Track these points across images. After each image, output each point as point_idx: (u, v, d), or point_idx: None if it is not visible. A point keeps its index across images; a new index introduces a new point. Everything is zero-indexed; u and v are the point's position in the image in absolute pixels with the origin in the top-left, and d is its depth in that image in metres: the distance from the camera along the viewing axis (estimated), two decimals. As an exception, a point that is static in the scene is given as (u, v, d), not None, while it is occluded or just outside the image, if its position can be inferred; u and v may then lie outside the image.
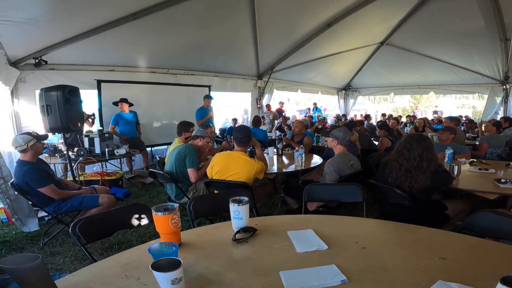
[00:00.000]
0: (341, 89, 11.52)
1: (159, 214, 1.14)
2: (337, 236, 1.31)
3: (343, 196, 1.96)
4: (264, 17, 5.34)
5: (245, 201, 1.34)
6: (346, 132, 2.66)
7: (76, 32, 4.21)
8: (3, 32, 3.50)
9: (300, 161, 3.22)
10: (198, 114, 6.01)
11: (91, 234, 1.41)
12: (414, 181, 1.97)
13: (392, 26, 7.24)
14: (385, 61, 8.90)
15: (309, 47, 7.04)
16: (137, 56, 5.54)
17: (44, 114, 3.21)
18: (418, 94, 14.40)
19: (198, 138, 3.16)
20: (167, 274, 0.84)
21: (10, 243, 2.80)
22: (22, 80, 4.53)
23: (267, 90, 8.59)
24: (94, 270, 1.04)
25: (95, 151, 4.31)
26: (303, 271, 1.03)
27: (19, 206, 3.02)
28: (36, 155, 2.66)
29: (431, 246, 1.21)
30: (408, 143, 2.02)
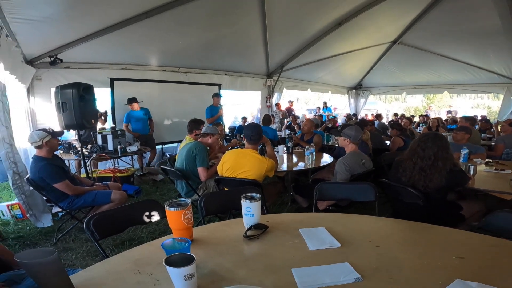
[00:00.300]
0: (352, 89, 11.39)
1: (172, 210, 1.15)
2: (350, 234, 1.30)
3: (355, 195, 1.94)
4: (274, 16, 5.32)
5: (257, 198, 1.34)
6: (358, 130, 2.62)
7: (90, 31, 4.28)
8: (19, 30, 3.58)
9: (311, 160, 3.20)
10: (208, 112, 6.05)
11: (105, 229, 1.42)
12: (429, 180, 1.93)
13: (405, 25, 7.09)
14: (398, 60, 8.74)
15: (320, 46, 6.97)
16: (149, 55, 5.61)
17: (60, 111, 3.27)
18: (431, 93, 14.12)
19: (208, 135, 3.18)
20: (181, 269, 0.84)
21: (24, 239, 2.84)
22: (38, 78, 4.64)
23: (276, 89, 8.57)
24: (107, 266, 1.05)
25: (108, 148, 4.40)
26: (316, 268, 1.03)
27: (33, 202, 3.08)
28: (52, 151, 2.73)
29: (448, 245, 1.19)
30: (423, 142, 1.98)
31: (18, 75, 3.61)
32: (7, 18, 3.20)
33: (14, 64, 3.39)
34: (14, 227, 3.09)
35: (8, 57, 3.05)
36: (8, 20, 3.26)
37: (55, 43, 4.39)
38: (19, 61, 3.83)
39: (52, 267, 0.84)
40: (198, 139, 3.21)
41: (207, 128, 3.26)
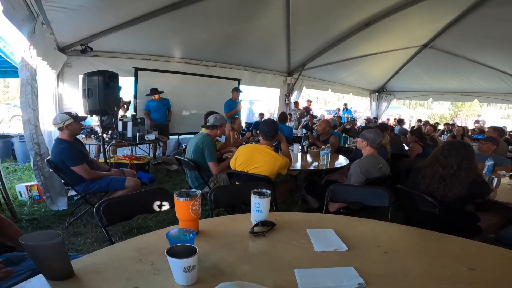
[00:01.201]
0: (375, 91, 11.06)
1: (180, 200, 1.14)
2: (358, 238, 1.26)
3: (368, 199, 1.88)
4: (299, 14, 5.23)
5: (267, 194, 1.32)
6: (378, 134, 2.54)
7: (120, 21, 4.39)
8: (54, 18, 3.69)
9: (326, 160, 3.14)
10: (227, 106, 6.09)
11: (113, 216, 1.43)
12: (448, 189, 1.84)
13: (438, 29, 6.73)
14: (426, 65, 8.36)
15: (344, 46, 6.79)
16: (173, 47, 5.69)
17: (85, 97, 3.39)
18: (460, 101, 13.51)
19: (217, 128, 3.12)
20: (181, 260, 0.84)
21: (38, 221, 2.91)
22: (68, 65, 4.82)
23: (296, 87, 8.47)
24: (111, 252, 1.06)
25: (127, 135, 4.53)
26: (319, 270, 1.00)
27: (51, 184, 3.18)
28: (73, 135, 2.82)
29: (459, 256, 1.14)
30: (446, 149, 1.90)
31: (50, 62, 3.74)
32: (44, 6, 3.31)
33: (47, 51, 3.51)
34: (30, 208, 3.19)
35: (41, 44, 3.15)
36: (44, 8, 3.36)
37: (86, 32, 4.53)
38: (51, 48, 3.96)
39: (54, 250, 0.84)
40: (206, 131, 3.14)
41: (215, 120, 3.13)
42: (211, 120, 3.12)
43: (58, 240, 0.84)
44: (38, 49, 2.96)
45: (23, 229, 2.69)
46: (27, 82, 2.83)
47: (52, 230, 0.95)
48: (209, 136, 3.06)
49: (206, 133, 3.11)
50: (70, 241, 2.54)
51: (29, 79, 2.84)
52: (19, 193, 3.44)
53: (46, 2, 3.27)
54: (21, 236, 0.84)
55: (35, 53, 2.89)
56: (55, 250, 0.84)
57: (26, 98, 2.86)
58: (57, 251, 0.85)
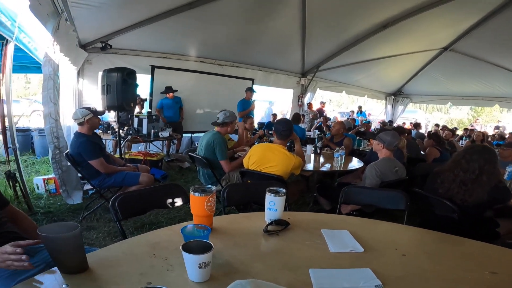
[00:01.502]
0: (390, 94, 10.82)
1: (196, 195, 1.14)
2: (374, 240, 1.23)
3: (383, 201, 1.83)
4: (315, 14, 5.17)
5: (282, 193, 1.31)
6: (395, 136, 2.48)
7: (138, 19, 4.46)
8: (78, 15, 3.79)
9: (339, 162, 3.10)
10: (240, 106, 6.11)
11: (128, 210, 1.43)
12: (469, 194, 1.79)
13: (460, 32, 6.51)
14: (446, 68, 8.09)
15: (360, 48, 6.68)
16: (188, 45, 5.75)
17: (104, 92, 3.48)
18: (480, 106, 13.06)
19: (227, 125, 3.09)
20: (196, 256, 0.83)
21: (53, 214, 2.95)
22: (89, 62, 4.94)
23: (310, 89, 8.40)
24: (125, 247, 1.05)
25: (142, 131, 4.61)
26: (335, 271, 0.98)
27: (68, 177, 3.25)
28: (92, 129, 2.89)
29: (480, 260, 1.11)
30: (469, 154, 1.84)
31: (72, 58, 3.83)
32: (68, 2, 3.39)
33: (69, 47, 3.59)
34: (46, 201, 3.26)
35: (64, 40, 3.23)
36: (69, 5, 3.44)
37: (107, 30, 4.63)
38: (74, 45, 4.05)
39: (71, 243, 0.84)
40: (216, 129, 3.11)
41: (225, 117, 3.07)
42: (221, 117, 3.08)
43: (75, 233, 0.84)
44: (61, 45, 3.03)
45: (38, 222, 2.74)
46: (50, 77, 2.91)
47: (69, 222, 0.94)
48: (220, 133, 3.05)
49: (217, 130, 3.08)
50: (83, 235, 2.57)
51: (52, 74, 2.92)
52: (36, 186, 3.53)
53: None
54: (39, 228, 0.84)
55: (58, 49, 2.97)
56: (72, 243, 0.84)
57: (48, 93, 2.95)
58: (74, 243, 0.85)
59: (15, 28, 2.33)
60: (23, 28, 2.52)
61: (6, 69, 2.72)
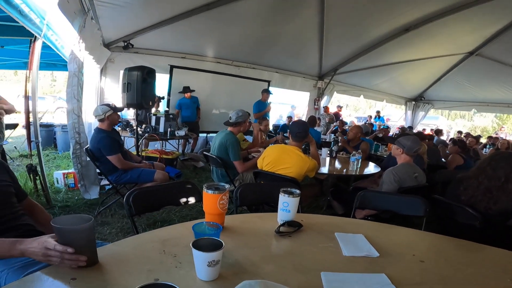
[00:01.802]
0: (411, 100, 10.50)
1: (209, 192, 1.13)
2: (391, 245, 1.18)
3: (401, 207, 1.77)
4: (333, 16, 5.09)
5: (296, 194, 1.28)
6: (415, 142, 2.39)
7: (160, 19, 4.55)
8: (103, 14, 3.90)
9: (356, 166, 3.03)
10: (256, 107, 6.12)
11: (142, 205, 1.45)
12: (493, 202, 1.72)
13: (487, 36, 6.23)
14: (471, 73, 7.76)
15: (379, 52, 6.52)
16: (206, 46, 5.82)
17: (124, 90, 3.58)
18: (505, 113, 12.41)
19: (240, 124, 3.07)
20: (206, 254, 0.82)
21: (70, 208, 3.03)
22: (111, 61, 5.10)
23: (326, 92, 8.30)
24: (135, 242, 1.06)
25: (159, 129, 4.70)
26: (348, 275, 0.95)
27: (87, 172, 3.35)
28: (112, 125, 2.98)
29: (503, 267, 1.07)
30: (495, 160, 1.77)
31: (96, 56, 3.95)
32: (94, 2, 3.50)
33: (94, 46, 3.72)
34: (64, 196, 3.35)
35: (90, 38, 3.33)
36: (95, 3, 3.55)
37: (129, 29, 4.76)
38: (98, 44, 4.19)
39: (83, 236, 0.84)
40: (229, 129, 3.10)
41: (237, 116, 3.03)
42: (233, 117, 3.06)
43: (88, 225, 0.84)
44: (86, 43, 3.13)
45: (55, 215, 2.76)
46: (74, 74, 3.02)
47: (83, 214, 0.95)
48: (233, 133, 3.04)
49: (229, 130, 3.07)
50: (97, 230, 2.62)
51: (76, 72, 3.03)
52: (56, 180, 3.66)
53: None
54: (53, 219, 0.85)
55: (83, 47, 3.08)
56: (84, 236, 0.84)
57: (72, 90, 3.06)
58: (87, 236, 0.85)
59: (43, 25, 2.42)
60: (51, 25, 2.61)
61: (34, 66, 2.84)
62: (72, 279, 0.82)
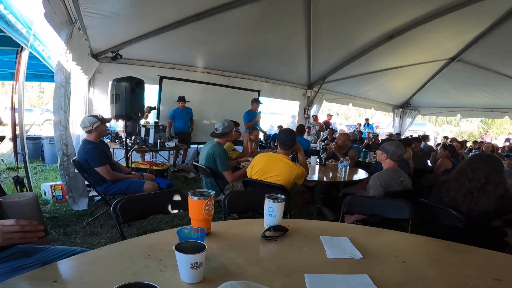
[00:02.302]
0: (398, 107, 10.76)
1: (194, 199, 1.15)
2: (374, 247, 1.21)
3: (387, 211, 1.81)
4: (320, 25, 5.23)
5: (281, 199, 1.31)
6: (399, 146, 2.46)
7: (149, 29, 4.60)
8: (90, 24, 3.91)
9: (344, 173, 3.07)
10: (246, 117, 6.16)
11: (129, 213, 1.46)
12: (475, 203, 1.77)
13: (467, 41, 6.47)
14: (454, 79, 8.01)
15: (366, 59, 6.71)
16: (196, 56, 5.89)
17: (113, 102, 3.57)
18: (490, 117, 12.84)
19: (227, 135, 3.07)
20: (188, 256, 0.83)
21: (57, 219, 2.98)
22: (100, 72, 5.09)
23: (316, 101, 8.43)
24: (121, 248, 1.07)
25: (149, 141, 4.68)
26: (331, 276, 0.96)
27: (75, 184, 3.31)
28: (100, 136, 2.96)
29: (485, 267, 1.10)
30: (474, 162, 1.83)
31: (84, 67, 3.92)
32: (81, 12, 3.51)
33: (82, 56, 3.70)
34: (52, 207, 3.30)
35: (77, 48, 3.33)
36: (82, 14, 3.57)
37: (118, 39, 4.79)
38: (86, 54, 4.17)
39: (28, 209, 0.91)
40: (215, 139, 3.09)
41: (224, 127, 3.03)
42: (220, 128, 3.06)
43: (31, 198, 0.91)
44: (73, 54, 3.13)
45: None
46: (61, 85, 3.01)
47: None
48: (220, 144, 3.04)
49: (216, 141, 3.07)
50: (86, 240, 2.60)
51: (63, 82, 3.02)
52: (43, 192, 3.59)
53: (84, 7, 3.47)
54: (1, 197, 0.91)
55: (70, 58, 3.07)
56: (28, 209, 0.91)
57: (59, 101, 3.04)
58: (35, 208, 0.93)
59: (30, 35, 2.43)
60: (38, 36, 2.62)
61: (20, 77, 2.83)
62: (54, 281, 0.83)
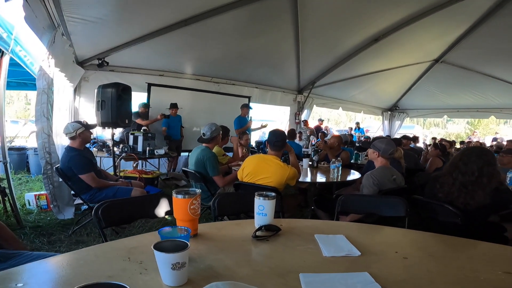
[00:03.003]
0: (387, 110, 10.90)
1: (179, 197, 1.08)
2: (372, 244, 1.15)
3: (382, 209, 1.76)
4: (308, 29, 5.26)
5: (271, 196, 1.24)
6: (390, 144, 2.43)
7: (136, 36, 4.52)
8: (74, 30, 3.80)
9: (336, 174, 3.03)
10: (237, 123, 6.09)
11: (112, 218, 1.39)
12: (470, 197, 1.72)
13: (450, 42, 6.60)
14: (439, 81, 8.16)
15: (354, 63, 6.78)
16: (185, 63, 5.83)
17: (98, 109, 3.47)
18: (476, 118, 13.12)
19: (214, 140, 3.00)
20: (168, 255, 0.76)
21: (41, 229, 2.88)
22: (86, 79, 4.96)
23: (306, 106, 8.45)
24: (98, 250, 1.00)
25: (138, 149, 4.56)
26: (328, 275, 0.90)
27: (60, 193, 3.20)
28: (84, 143, 2.85)
29: (491, 260, 1.04)
30: (466, 156, 1.80)
31: (68, 74, 3.81)
32: (65, 17, 3.41)
33: (66, 63, 3.60)
34: (36, 217, 3.19)
35: (60, 54, 3.23)
36: (65, 19, 3.46)
37: (104, 46, 4.69)
38: (70, 61, 4.06)
39: None
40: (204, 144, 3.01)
41: (211, 132, 2.94)
42: (207, 133, 2.96)
43: None
44: (56, 59, 3.04)
45: (25, 236, 2.69)
46: (43, 91, 2.91)
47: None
48: (209, 148, 2.96)
49: (205, 146, 2.99)
50: (71, 249, 2.45)
51: (46, 88, 2.92)
52: (27, 202, 3.47)
53: (67, 12, 3.36)
54: None
55: (53, 63, 2.98)
56: None
57: (41, 107, 2.94)
58: None
59: (11, 40, 2.35)
60: (19, 41, 2.55)
61: (0, 83, 2.72)
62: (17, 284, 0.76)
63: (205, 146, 2.99)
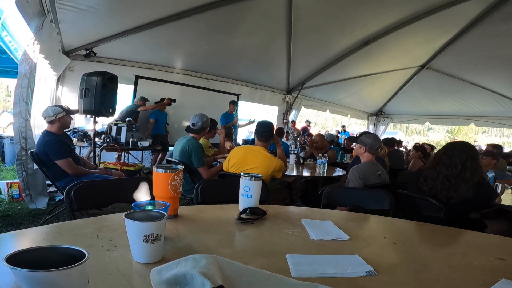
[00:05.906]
0: (372, 114, 11.09)
1: (159, 171, 1.00)
2: (360, 230, 1.14)
3: (367, 202, 1.76)
4: (300, 30, 5.27)
5: (257, 177, 1.19)
6: (376, 139, 2.45)
7: (125, 28, 4.39)
8: (64, 18, 3.66)
9: (322, 169, 3.02)
10: (223, 119, 6.04)
11: (85, 200, 1.29)
12: (453, 190, 1.74)
13: (436, 49, 6.74)
14: (424, 87, 8.34)
15: (343, 65, 6.84)
16: (175, 57, 5.72)
17: (81, 96, 3.35)
18: (456, 125, 13.55)
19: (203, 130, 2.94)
20: (141, 224, 0.67)
21: (10, 218, 2.75)
22: (71, 69, 4.77)
23: (294, 106, 8.47)
24: (64, 227, 0.91)
25: (121, 140, 4.41)
26: (317, 257, 0.86)
27: (33, 182, 3.05)
28: (62, 128, 2.71)
29: (484, 247, 1.04)
30: (450, 149, 1.82)
31: (53, 63, 3.65)
32: (56, 3, 3.29)
33: (51, 50, 3.45)
34: (6, 206, 3.03)
35: (46, 41, 3.10)
36: (56, 6, 3.33)
37: (92, 37, 4.53)
38: (56, 49, 3.89)
39: None
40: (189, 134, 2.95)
41: (202, 122, 2.87)
42: (198, 123, 2.89)
43: None
44: (42, 45, 2.92)
45: None
46: (25, 76, 2.80)
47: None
48: (195, 139, 2.88)
49: (191, 136, 2.91)
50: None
51: (28, 73, 2.81)
52: (-2, 190, 3.28)
53: None
54: None
55: (38, 49, 2.86)
56: None
57: (21, 91, 2.80)
58: None
59: (-2, 24, 2.23)
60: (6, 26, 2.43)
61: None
62: None
63: (191, 136, 2.91)
